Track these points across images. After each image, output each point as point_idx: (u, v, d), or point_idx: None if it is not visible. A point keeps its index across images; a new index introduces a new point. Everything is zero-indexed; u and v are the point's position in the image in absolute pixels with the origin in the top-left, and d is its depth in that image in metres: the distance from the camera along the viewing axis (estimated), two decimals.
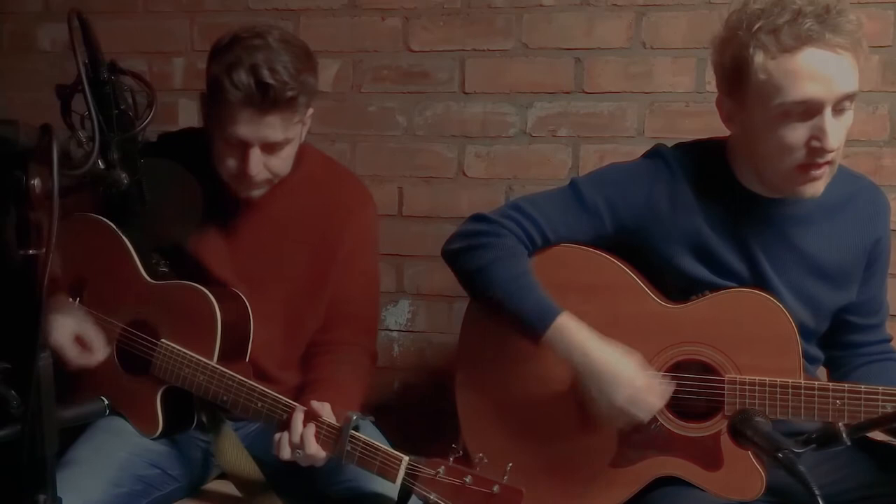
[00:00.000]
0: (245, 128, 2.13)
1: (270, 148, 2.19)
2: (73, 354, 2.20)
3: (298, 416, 2.04)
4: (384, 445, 1.96)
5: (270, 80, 2.08)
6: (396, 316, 3.22)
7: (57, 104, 1.56)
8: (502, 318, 2.18)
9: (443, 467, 1.85)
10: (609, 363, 2.06)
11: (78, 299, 2.33)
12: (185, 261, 2.33)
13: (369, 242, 2.51)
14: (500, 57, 3.01)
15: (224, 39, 2.19)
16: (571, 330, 2.10)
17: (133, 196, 1.62)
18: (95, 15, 1.70)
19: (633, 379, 2.04)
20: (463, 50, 3.03)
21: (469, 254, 2.23)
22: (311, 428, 2.02)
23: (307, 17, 3.12)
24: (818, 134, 1.94)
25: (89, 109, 1.46)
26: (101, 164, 1.52)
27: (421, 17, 3.05)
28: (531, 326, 2.12)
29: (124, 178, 1.56)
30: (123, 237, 2.34)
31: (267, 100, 2.10)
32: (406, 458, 1.91)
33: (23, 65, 3.33)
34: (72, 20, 1.48)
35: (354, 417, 1.99)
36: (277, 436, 2.07)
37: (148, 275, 2.31)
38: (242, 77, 2.08)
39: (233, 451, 2.30)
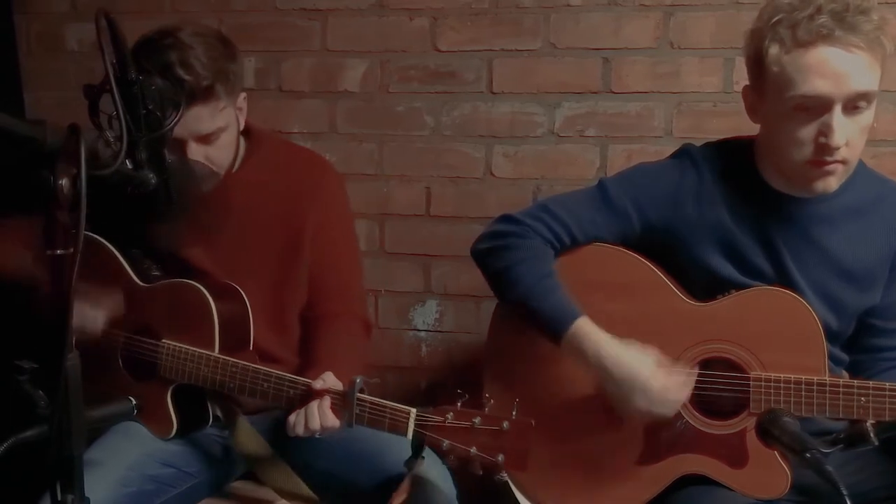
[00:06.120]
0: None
1: (205, 139, 2.22)
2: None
3: (314, 403, 2.06)
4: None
5: (184, 76, 2.11)
6: (424, 316, 3.22)
7: (84, 104, 1.57)
8: (526, 318, 2.19)
9: (451, 413, 1.87)
10: (623, 367, 2.06)
11: None
12: (174, 262, 2.37)
13: (339, 212, 2.52)
14: (528, 57, 3.01)
15: (136, 45, 2.19)
16: (587, 334, 2.10)
17: (160, 196, 1.63)
18: (123, 15, 1.71)
19: (649, 381, 2.04)
20: (490, 50, 3.03)
21: (495, 254, 2.24)
22: (327, 401, 2.05)
23: (335, 17, 3.12)
24: (825, 130, 1.95)
25: (117, 109, 1.46)
26: (128, 163, 1.53)
27: (448, 17, 3.05)
28: (550, 329, 2.14)
29: (152, 178, 1.57)
30: (111, 248, 2.38)
31: (183, 94, 2.09)
32: (414, 410, 1.93)
33: (50, 65, 3.34)
34: (99, 20, 1.48)
35: (359, 380, 2.02)
36: (292, 417, 2.09)
37: (141, 280, 2.35)
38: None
39: (251, 442, 2.33)
